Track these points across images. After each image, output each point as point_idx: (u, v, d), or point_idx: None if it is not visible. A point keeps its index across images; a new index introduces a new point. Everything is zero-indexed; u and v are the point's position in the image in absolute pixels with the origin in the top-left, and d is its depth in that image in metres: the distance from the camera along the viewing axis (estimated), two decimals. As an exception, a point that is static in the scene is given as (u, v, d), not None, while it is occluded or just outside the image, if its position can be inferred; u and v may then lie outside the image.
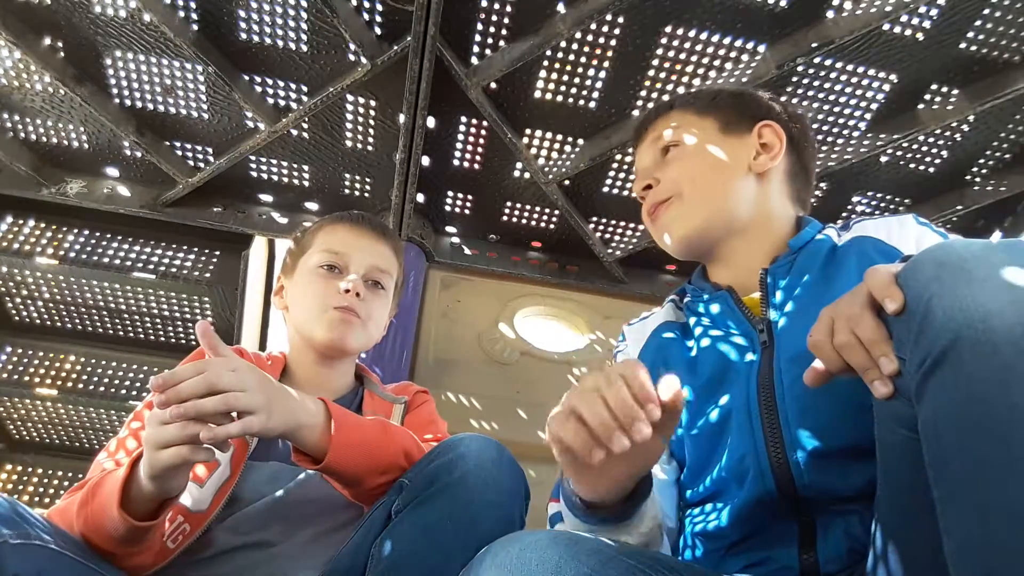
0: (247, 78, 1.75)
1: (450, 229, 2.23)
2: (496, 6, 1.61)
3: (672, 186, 0.93)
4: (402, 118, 1.78)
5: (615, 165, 1.99)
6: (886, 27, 1.62)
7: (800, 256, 0.88)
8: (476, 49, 1.70)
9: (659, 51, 1.69)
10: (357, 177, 2.05)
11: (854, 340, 0.60)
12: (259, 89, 1.78)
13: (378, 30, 1.64)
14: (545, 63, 1.74)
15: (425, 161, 1.98)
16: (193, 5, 1.61)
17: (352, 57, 1.69)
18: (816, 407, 0.76)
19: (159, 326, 2.33)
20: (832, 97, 1.79)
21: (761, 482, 0.77)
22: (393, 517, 0.80)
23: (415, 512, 0.78)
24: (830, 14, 1.61)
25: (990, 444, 0.47)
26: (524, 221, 2.19)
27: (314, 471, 0.84)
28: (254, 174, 2.05)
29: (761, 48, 1.68)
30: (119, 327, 2.34)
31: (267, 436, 0.78)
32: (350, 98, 1.83)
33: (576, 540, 0.60)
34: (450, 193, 2.12)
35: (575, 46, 1.70)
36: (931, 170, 2.00)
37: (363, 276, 1.12)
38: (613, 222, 2.16)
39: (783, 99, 1.07)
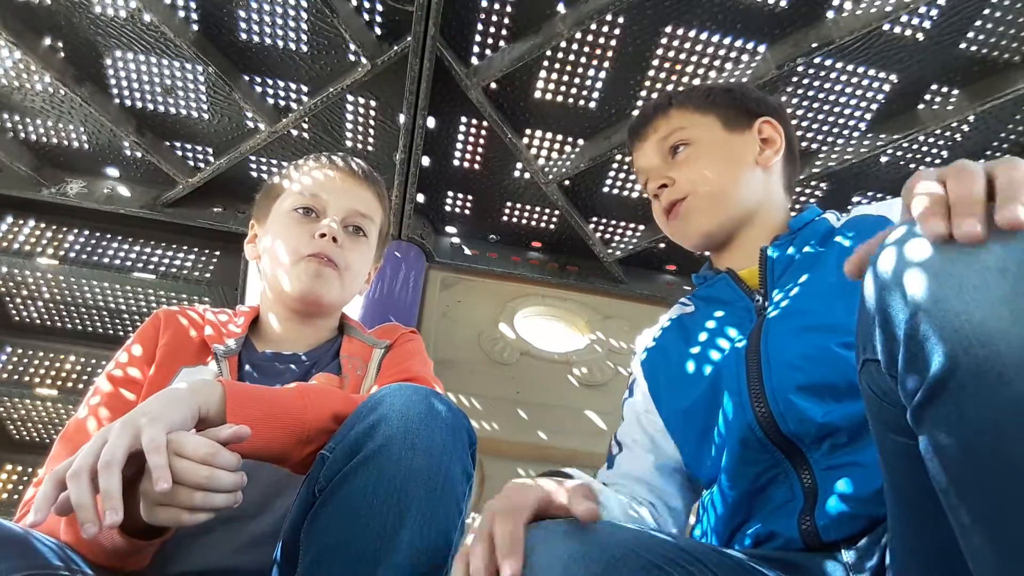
0: (247, 78, 1.75)
1: (450, 229, 2.23)
2: (496, 6, 1.61)
3: (688, 185, 0.99)
4: (402, 118, 1.78)
5: (615, 165, 1.99)
6: (886, 27, 1.62)
7: (799, 235, 0.95)
8: (476, 49, 1.70)
9: (659, 51, 1.69)
10: (357, 177, 2.05)
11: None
12: (259, 89, 1.78)
13: (378, 30, 1.64)
14: (545, 63, 1.74)
15: (425, 161, 1.98)
16: (193, 5, 1.61)
17: (352, 57, 1.69)
18: (794, 348, 0.80)
19: (159, 326, 2.33)
20: (832, 97, 1.79)
21: (743, 417, 0.80)
22: (317, 496, 0.71)
23: (339, 490, 0.69)
24: (830, 14, 1.61)
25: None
26: (524, 221, 2.19)
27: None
28: (254, 174, 2.05)
29: (761, 48, 1.68)
30: (119, 327, 2.33)
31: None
32: (350, 98, 1.83)
33: (592, 533, 0.56)
34: (450, 193, 2.12)
35: (575, 46, 1.70)
36: (931, 170, 2.00)
37: (342, 221, 1.05)
38: (613, 222, 2.16)
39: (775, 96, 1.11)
